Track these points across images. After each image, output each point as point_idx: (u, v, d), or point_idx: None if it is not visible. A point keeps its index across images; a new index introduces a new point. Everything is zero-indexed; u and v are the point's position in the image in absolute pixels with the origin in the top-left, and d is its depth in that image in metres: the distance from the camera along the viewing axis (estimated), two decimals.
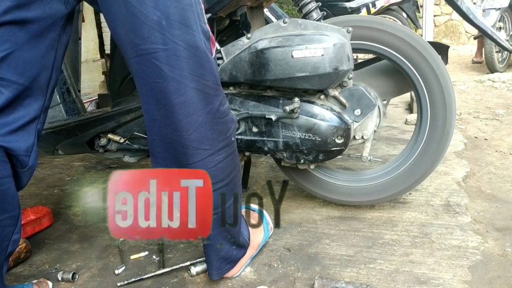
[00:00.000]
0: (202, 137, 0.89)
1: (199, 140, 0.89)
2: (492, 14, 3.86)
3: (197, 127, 0.88)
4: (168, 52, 0.83)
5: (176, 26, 0.82)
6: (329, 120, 1.22)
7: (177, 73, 0.84)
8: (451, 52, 1.44)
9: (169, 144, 0.90)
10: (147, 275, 1.15)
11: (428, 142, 1.33)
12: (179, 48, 0.83)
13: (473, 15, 1.36)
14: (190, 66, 0.85)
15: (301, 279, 1.10)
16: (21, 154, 0.89)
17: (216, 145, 0.91)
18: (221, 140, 0.92)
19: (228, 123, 0.94)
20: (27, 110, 0.89)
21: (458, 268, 1.11)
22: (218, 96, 0.91)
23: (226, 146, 0.93)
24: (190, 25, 0.84)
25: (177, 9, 0.82)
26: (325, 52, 1.13)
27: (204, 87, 0.87)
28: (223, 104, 0.93)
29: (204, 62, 0.87)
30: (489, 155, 1.94)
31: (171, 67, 0.84)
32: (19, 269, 1.24)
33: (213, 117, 0.89)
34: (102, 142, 1.38)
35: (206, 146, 0.90)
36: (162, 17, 0.81)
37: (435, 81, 1.27)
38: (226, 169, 0.95)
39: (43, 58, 0.89)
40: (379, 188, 1.39)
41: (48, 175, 2.08)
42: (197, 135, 0.88)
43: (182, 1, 0.83)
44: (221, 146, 0.92)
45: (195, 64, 0.85)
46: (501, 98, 3.16)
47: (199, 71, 0.86)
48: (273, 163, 1.97)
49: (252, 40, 1.20)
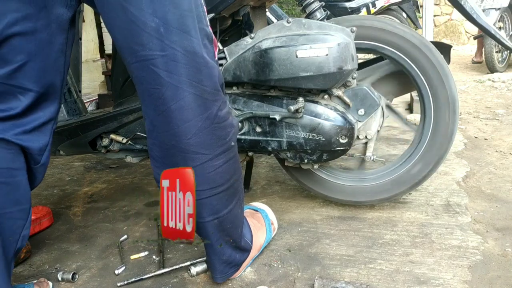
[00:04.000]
0: (201, 142, 0.89)
1: (198, 145, 0.89)
2: (492, 14, 3.86)
3: (195, 132, 0.88)
4: (166, 58, 0.83)
5: (174, 32, 0.82)
6: (333, 120, 1.22)
7: (175, 79, 0.84)
8: (451, 52, 1.43)
9: (168, 149, 0.91)
10: (147, 275, 1.15)
11: (431, 141, 1.33)
12: (177, 54, 0.83)
13: (477, 14, 1.36)
14: (188, 71, 0.85)
15: (301, 279, 1.11)
16: (34, 153, 0.93)
17: (215, 150, 0.91)
18: (220, 145, 0.92)
19: (227, 128, 0.94)
20: (44, 112, 0.92)
21: (458, 268, 1.11)
22: (216, 101, 0.90)
23: (226, 151, 0.93)
24: (189, 31, 0.84)
25: (175, 16, 0.82)
26: (329, 52, 1.13)
27: (202, 92, 0.87)
28: (222, 109, 0.92)
29: (202, 67, 0.86)
30: (489, 155, 1.94)
31: (169, 73, 0.84)
32: (19, 269, 1.24)
33: (211, 123, 0.89)
34: (104, 143, 1.37)
35: (205, 151, 0.90)
36: (160, 24, 0.81)
37: (438, 81, 1.27)
38: (226, 174, 0.95)
39: (55, 63, 0.91)
40: (382, 188, 1.39)
41: (48, 175, 2.08)
42: (196, 140, 0.88)
43: (181, 7, 0.82)
44: (220, 151, 0.92)
45: (193, 69, 0.85)
46: (501, 98, 3.16)
47: (197, 76, 0.86)
48: (273, 163, 1.97)
49: (256, 39, 1.20)
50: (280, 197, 1.62)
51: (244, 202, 1.44)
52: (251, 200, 1.59)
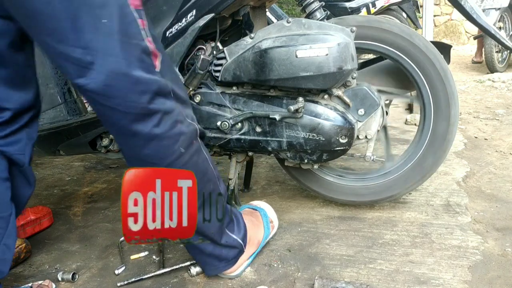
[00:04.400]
0: (152, 154, 0.91)
1: (152, 157, 0.91)
2: (492, 14, 3.87)
3: (143, 145, 0.90)
4: (97, 84, 0.82)
5: (100, 57, 0.80)
6: (333, 120, 1.22)
7: (111, 102, 0.84)
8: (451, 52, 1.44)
9: (132, 162, 0.95)
10: (147, 275, 1.15)
11: (431, 141, 1.33)
12: (106, 78, 0.82)
13: (477, 14, 1.36)
14: (119, 93, 0.84)
15: (301, 279, 1.11)
16: (15, 154, 0.96)
17: (167, 159, 0.92)
18: (169, 155, 0.92)
19: (175, 137, 0.93)
20: (19, 120, 0.97)
21: (458, 268, 1.11)
22: (152, 117, 0.88)
23: (178, 157, 0.94)
24: (116, 54, 0.82)
25: (99, 40, 0.80)
26: (329, 52, 1.13)
27: (135, 110, 0.86)
28: (159, 125, 0.89)
29: (131, 86, 0.85)
30: (489, 155, 1.94)
31: (106, 97, 0.83)
32: (19, 269, 1.24)
33: (150, 140, 0.90)
34: (104, 143, 1.37)
35: (158, 160, 0.92)
36: (84, 53, 0.79)
37: (439, 81, 1.27)
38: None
39: (24, 78, 0.95)
40: (382, 188, 1.39)
41: (48, 175, 2.08)
42: (146, 152, 0.90)
43: (106, 32, 0.80)
44: (172, 159, 0.93)
45: (123, 90, 0.84)
46: (501, 98, 3.16)
47: (129, 97, 0.85)
48: (273, 163, 1.97)
49: (256, 39, 1.20)
50: (280, 197, 1.62)
51: (244, 202, 1.45)
52: (251, 200, 1.59)
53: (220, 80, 1.25)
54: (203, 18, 1.20)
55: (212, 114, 1.28)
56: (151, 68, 0.86)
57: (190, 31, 1.22)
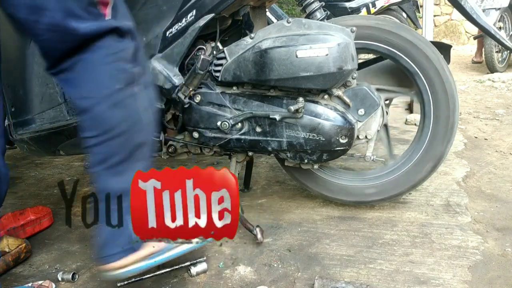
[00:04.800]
0: (88, 80, 0.93)
1: (88, 82, 0.93)
2: (492, 14, 3.86)
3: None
4: (41, 41, 0.88)
5: (35, 12, 0.84)
6: (333, 120, 1.22)
7: (52, 53, 0.90)
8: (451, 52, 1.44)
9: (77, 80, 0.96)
10: (147, 275, 1.15)
11: (431, 141, 1.33)
12: (44, 33, 0.87)
13: (477, 14, 1.36)
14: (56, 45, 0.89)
15: (301, 279, 1.11)
16: None
17: (102, 91, 0.93)
18: (104, 87, 0.93)
19: (116, 71, 0.94)
20: None
21: (458, 268, 1.11)
22: (98, 43, 0.91)
23: (112, 93, 0.93)
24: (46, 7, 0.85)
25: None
26: (329, 52, 1.14)
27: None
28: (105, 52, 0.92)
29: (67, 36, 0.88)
30: (489, 155, 1.94)
31: (47, 50, 0.90)
32: (19, 269, 1.24)
33: (91, 51, 0.91)
34: None
35: (93, 89, 0.93)
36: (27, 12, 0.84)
37: (439, 81, 1.27)
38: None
39: None
40: (382, 188, 1.39)
41: (48, 175, 2.08)
42: (88, 76, 0.92)
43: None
44: (107, 92, 0.93)
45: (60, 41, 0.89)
46: (501, 98, 3.16)
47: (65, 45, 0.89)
48: (273, 163, 1.97)
49: (256, 39, 1.20)
50: (280, 197, 1.62)
51: (244, 201, 1.44)
52: (251, 199, 1.59)
53: (220, 80, 1.25)
54: (203, 18, 1.20)
55: (212, 114, 1.28)
56: (96, 16, 0.89)
57: (190, 31, 1.22)
